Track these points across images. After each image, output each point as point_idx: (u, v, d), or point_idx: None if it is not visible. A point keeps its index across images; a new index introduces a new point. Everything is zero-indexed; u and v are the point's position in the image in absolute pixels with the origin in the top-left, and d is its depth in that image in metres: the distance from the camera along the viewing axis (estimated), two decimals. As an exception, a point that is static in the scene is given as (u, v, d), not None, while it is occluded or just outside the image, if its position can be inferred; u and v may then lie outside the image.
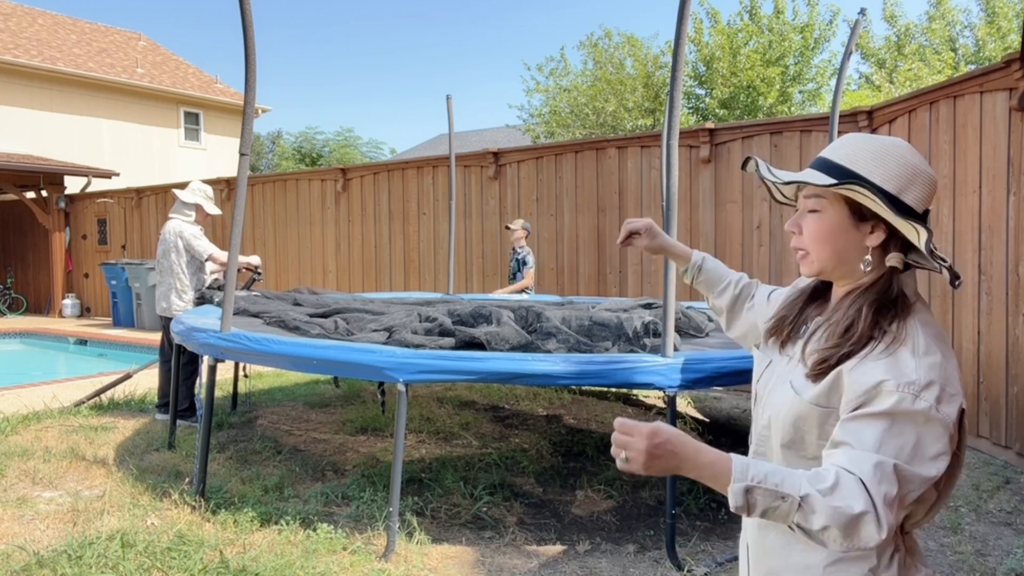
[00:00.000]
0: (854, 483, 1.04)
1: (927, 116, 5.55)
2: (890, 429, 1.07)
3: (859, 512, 1.02)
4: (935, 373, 1.09)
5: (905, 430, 1.07)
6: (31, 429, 5.43)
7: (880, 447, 1.06)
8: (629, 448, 1.07)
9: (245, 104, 3.80)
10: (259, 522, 3.60)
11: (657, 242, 1.70)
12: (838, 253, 1.21)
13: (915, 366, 1.09)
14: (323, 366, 3.58)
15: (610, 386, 5.64)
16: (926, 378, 1.08)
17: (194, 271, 5.79)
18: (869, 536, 1.03)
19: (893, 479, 1.05)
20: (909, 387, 1.07)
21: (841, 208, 1.20)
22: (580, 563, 3.28)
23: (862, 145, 1.20)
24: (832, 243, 1.21)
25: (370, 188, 10.51)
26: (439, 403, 6.36)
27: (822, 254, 1.22)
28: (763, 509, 1.05)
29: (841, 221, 1.20)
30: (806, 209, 1.24)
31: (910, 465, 1.06)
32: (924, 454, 1.07)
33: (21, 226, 16.08)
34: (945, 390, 1.08)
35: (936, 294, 5.43)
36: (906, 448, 1.06)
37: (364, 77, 79.20)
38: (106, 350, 11.02)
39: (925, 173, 1.18)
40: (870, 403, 1.09)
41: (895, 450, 1.06)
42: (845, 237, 1.20)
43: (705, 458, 1.07)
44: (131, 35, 22.30)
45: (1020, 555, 3.31)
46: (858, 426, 1.09)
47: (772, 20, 16.19)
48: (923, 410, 1.07)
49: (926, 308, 1.20)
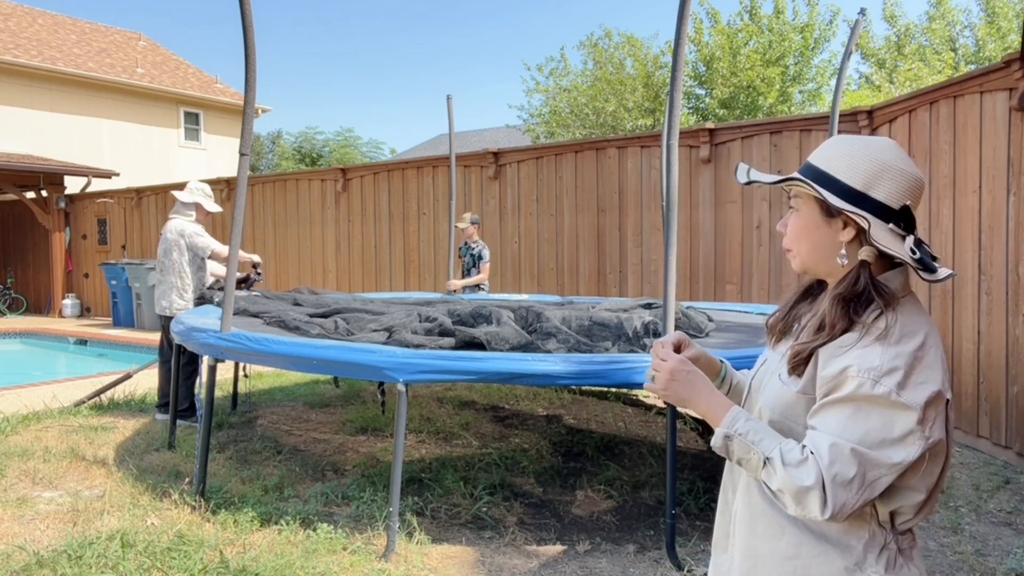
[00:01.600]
0: (813, 461, 1.12)
1: (927, 116, 5.55)
2: (852, 415, 1.12)
3: (807, 486, 1.11)
4: (901, 360, 1.12)
5: (867, 415, 1.11)
6: (31, 429, 5.43)
7: (842, 431, 1.11)
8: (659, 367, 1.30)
9: (245, 104, 3.80)
10: (259, 522, 3.60)
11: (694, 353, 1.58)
12: (814, 249, 1.27)
13: (881, 353, 1.13)
14: (323, 366, 3.58)
15: (610, 386, 5.64)
16: (889, 364, 1.11)
17: (196, 270, 5.79)
18: (813, 509, 1.11)
19: (850, 461, 1.10)
20: (870, 372, 1.11)
21: (812, 205, 1.26)
22: (580, 563, 3.28)
23: (838, 146, 1.25)
24: (807, 239, 1.27)
25: (370, 188, 10.51)
26: (439, 403, 6.36)
27: (801, 250, 1.29)
28: (737, 458, 1.21)
29: (813, 218, 1.26)
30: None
31: (873, 450, 1.10)
32: (887, 438, 1.10)
33: (21, 226, 16.08)
34: (910, 377, 1.11)
35: (936, 294, 5.43)
36: (870, 433, 1.11)
37: (364, 77, 79.22)
38: (106, 350, 11.02)
39: (897, 168, 1.20)
40: (835, 390, 1.15)
41: (858, 435, 1.11)
42: (818, 233, 1.25)
43: (713, 400, 1.27)
44: (131, 35, 22.30)
45: (1020, 555, 3.31)
46: (824, 412, 1.15)
47: (772, 20, 16.18)
48: (882, 395, 1.10)
49: (915, 302, 1.22)
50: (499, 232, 9.11)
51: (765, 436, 1.19)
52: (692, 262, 7.64)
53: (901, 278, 1.22)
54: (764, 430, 1.21)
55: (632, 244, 8.10)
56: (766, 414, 1.27)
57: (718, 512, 1.43)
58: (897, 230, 1.18)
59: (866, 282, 1.19)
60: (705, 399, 1.28)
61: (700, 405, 1.28)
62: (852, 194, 1.19)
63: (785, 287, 6.87)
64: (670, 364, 1.29)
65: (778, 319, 1.39)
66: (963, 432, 5.10)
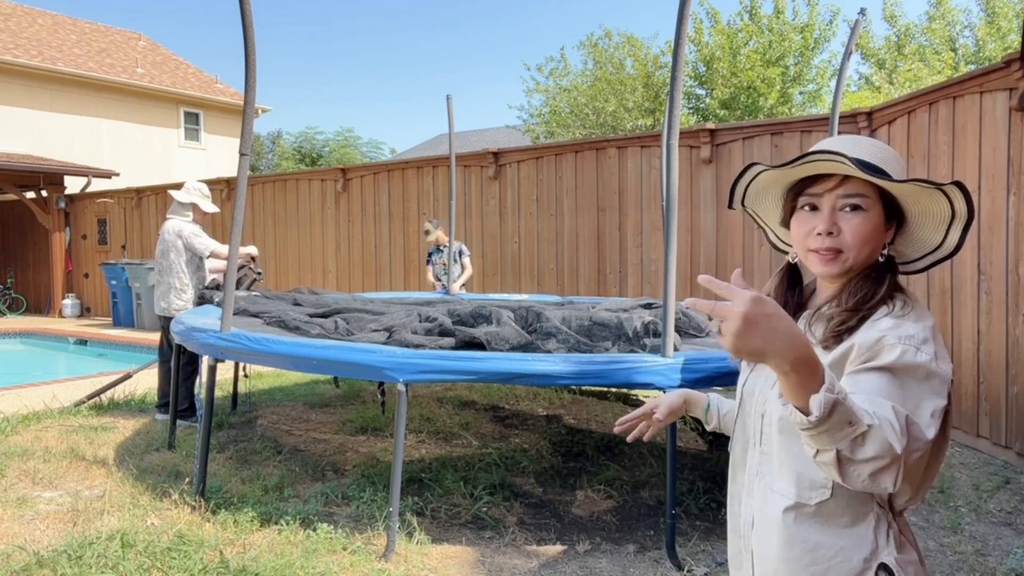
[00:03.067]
0: (889, 425, 0.99)
1: (926, 117, 5.55)
2: (894, 382, 1.07)
3: (898, 454, 0.98)
4: (930, 333, 1.14)
5: (909, 385, 1.08)
6: (31, 429, 5.43)
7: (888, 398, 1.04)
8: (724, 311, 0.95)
9: (245, 104, 3.81)
10: (259, 522, 3.60)
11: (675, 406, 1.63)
12: (871, 253, 1.23)
13: (914, 324, 1.14)
14: (323, 366, 3.58)
15: (610, 386, 5.64)
16: (923, 336, 1.12)
17: (194, 270, 5.79)
18: (888, 481, 0.99)
19: (906, 431, 1.01)
20: (910, 340, 1.10)
21: (881, 208, 1.22)
22: (580, 563, 3.28)
23: (880, 147, 1.24)
24: (872, 243, 1.22)
25: (370, 188, 10.51)
26: (439, 403, 6.36)
27: (861, 254, 1.22)
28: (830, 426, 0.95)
29: (881, 221, 1.22)
30: (837, 208, 1.21)
31: (918, 422, 1.04)
32: (926, 412, 1.07)
33: (21, 226, 16.08)
34: (938, 351, 1.13)
35: (936, 293, 5.43)
36: (909, 404, 1.06)
37: (364, 77, 79.25)
38: (106, 350, 11.01)
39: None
40: (875, 358, 1.10)
41: (909, 405, 1.05)
42: (878, 237, 1.23)
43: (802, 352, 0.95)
44: (131, 35, 22.30)
45: (1020, 555, 3.31)
46: (865, 378, 1.09)
47: (772, 20, 16.18)
48: (924, 363, 1.09)
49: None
50: (499, 232, 9.11)
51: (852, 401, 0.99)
52: (692, 262, 7.64)
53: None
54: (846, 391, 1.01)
55: (632, 244, 8.10)
56: (772, 416, 1.26)
57: (729, 528, 1.42)
58: None
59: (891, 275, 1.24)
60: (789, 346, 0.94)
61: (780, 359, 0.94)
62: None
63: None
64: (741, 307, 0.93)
65: None
66: (963, 432, 5.10)
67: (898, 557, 1.17)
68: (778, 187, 1.34)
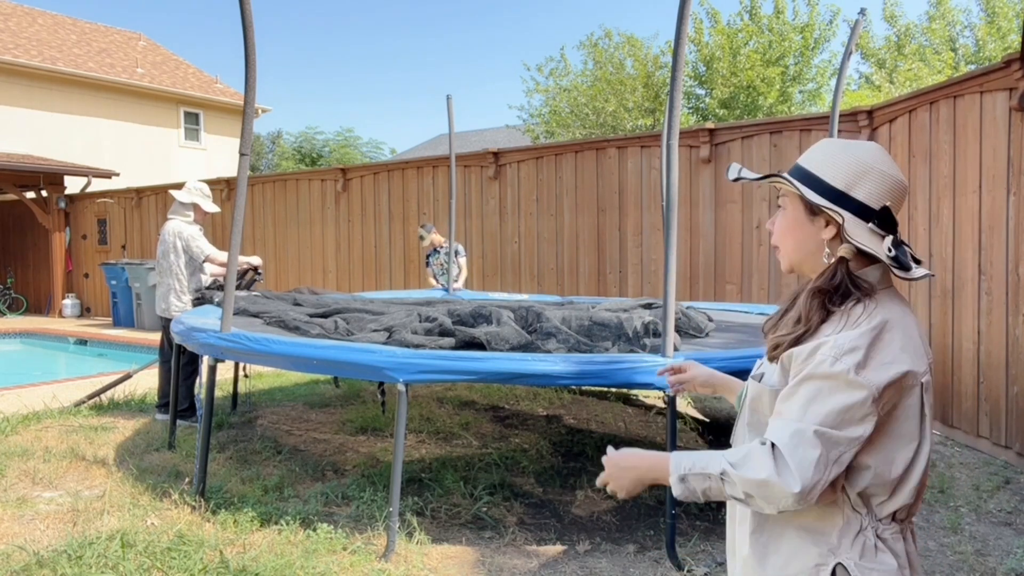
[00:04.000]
0: (763, 452, 1.15)
1: (927, 116, 5.55)
2: (813, 395, 1.16)
3: (763, 478, 1.14)
4: (864, 340, 1.16)
5: (827, 393, 1.15)
6: (31, 429, 5.43)
7: (804, 414, 1.15)
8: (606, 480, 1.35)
9: (245, 104, 3.81)
10: (259, 522, 3.60)
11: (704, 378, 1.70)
12: (798, 246, 1.32)
13: (847, 335, 1.18)
14: (323, 366, 3.58)
15: (610, 386, 5.65)
16: (851, 344, 1.16)
17: (192, 272, 5.78)
18: (783, 498, 1.13)
19: (814, 442, 1.13)
20: (832, 350, 1.16)
21: (797, 204, 1.31)
22: (580, 563, 3.28)
23: (824, 148, 1.31)
24: (792, 236, 1.32)
25: (370, 188, 10.51)
26: (439, 403, 6.36)
27: (787, 247, 1.34)
28: (701, 491, 1.22)
29: (797, 215, 1.31)
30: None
31: (835, 428, 1.14)
32: (849, 416, 1.14)
33: (21, 226, 16.08)
34: (872, 357, 1.15)
35: (936, 294, 5.43)
36: (831, 411, 1.14)
37: (364, 77, 79.20)
38: (106, 350, 11.02)
39: (878, 171, 1.25)
40: (799, 372, 1.20)
41: (819, 415, 1.15)
42: (802, 230, 1.30)
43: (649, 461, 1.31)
44: (131, 35, 22.30)
45: (1020, 555, 3.31)
46: (788, 396, 1.20)
47: (772, 20, 16.18)
48: (840, 372, 1.15)
49: (894, 293, 1.27)
50: (499, 232, 9.11)
51: (708, 458, 1.22)
52: (692, 262, 7.64)
53: (878, 273, 1.26)
54: (704, 455, 1.24)
55: (632, 244, 8.10)
56: (743, 409, 1.35)
57: (727, 518, 1.48)
58: (876, 229, 1.23)
59: (843, 276, 1.24)
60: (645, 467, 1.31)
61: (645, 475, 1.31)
62: (833, 193, 1.25)
63: (785, 287, 6.87)
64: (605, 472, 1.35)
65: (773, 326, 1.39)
66: (963, 432, 5.10)
67: (859, 562, 1.19)
68: None
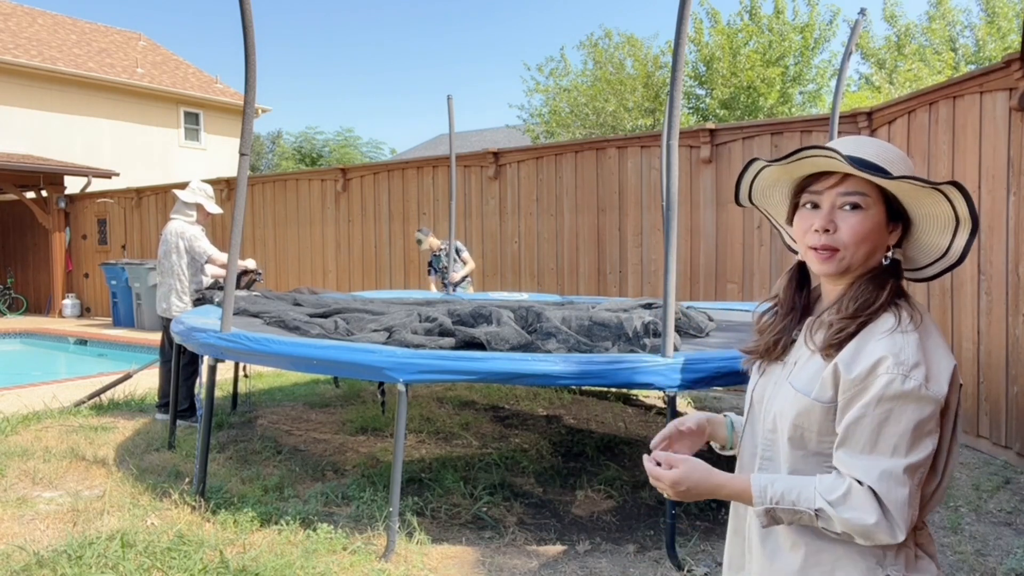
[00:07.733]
0: (864, 494, 1.11)
1: (926, 117, 5.55)
2: (885, 416, 1.12)
3: (871, 524, 1.10)
4: (922, 351, 1.14)
5: (899, 413, 1.11)
6: (31, 429, 5.43)
7: (881, 441, 1.12)
8: (657, 485, 1.27)
9: (245, 104, 3.81)
10: (259, 522, 3.60)
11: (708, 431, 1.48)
12: (871, 252, 1.22)
13: (905, 347, 1.14)
14: (323, 366, 3.58)
15: (610, 386, 5.64)
16: (915, 358, 1.13)
17: (194, 272, 5.79)
18: (885, 539, 1.11)
19: (903, 480, 1.11)
20: (897, 367, 1.12)
21: (882, 207, 1.21)
22: (580, 563, 3.28)
23: (886, 148, 1.23)
24: (870, 242, 1.21)
25: (370, 188, 10.51)
26: (439, 403, 6.36)
27: (858, 253, 1.21)
28: (788, 521, 1.19)
29: (881, 220, 1.22)
30: (836, 206, 1.22)
31: (912, 453, 1.11)
32: (921, 434, 1.12)
33: (21, 226, 16.07)
34: (931, 366, 1.13)
35: (936, 294, 5.43)
36: (906, 431, 1.11)
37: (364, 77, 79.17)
38: (106, 350, 11.01)
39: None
40: (865, 390, 1.14)
41: (895, 436, 1.11)
42: (879, 236, 1.22)
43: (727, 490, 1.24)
44: (131, 35, 22.29)
45: (1020, 555, 3.31)
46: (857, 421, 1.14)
47: (772, 20, 16.17)
48: (912, 390, 1.11)
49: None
50: (499, 232, 9.11)
51: (800, 488, 1.17)
52: (693, 262, 7.63)
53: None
54: (794, 482, 1.18)
55: (632, 244, 8.10)
56: (780, 423, 1.26)
57: (730, 531, 1.41)
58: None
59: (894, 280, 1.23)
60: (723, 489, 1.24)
61: (720, 494, 1.25)
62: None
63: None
64: (667, 481, 1.24)
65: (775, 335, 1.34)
66: (963, 432, 5.10)
67: (907, 574, 1.18)
68: (784, 185, 1.34)
